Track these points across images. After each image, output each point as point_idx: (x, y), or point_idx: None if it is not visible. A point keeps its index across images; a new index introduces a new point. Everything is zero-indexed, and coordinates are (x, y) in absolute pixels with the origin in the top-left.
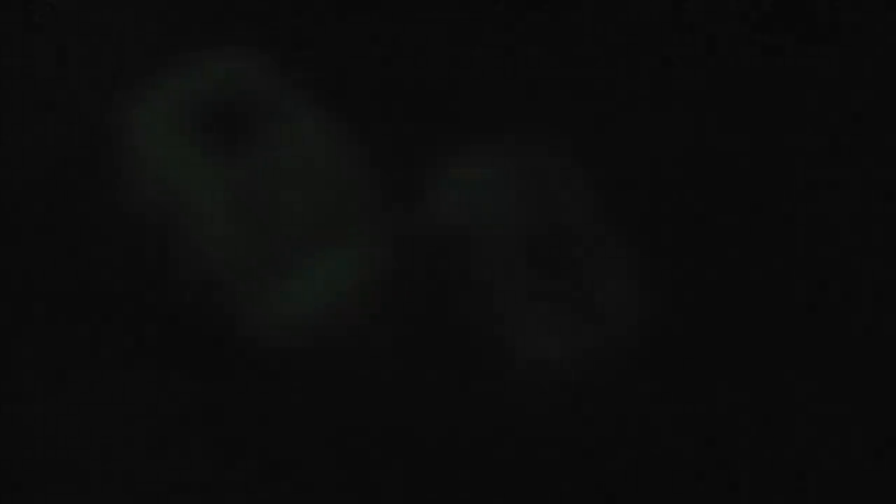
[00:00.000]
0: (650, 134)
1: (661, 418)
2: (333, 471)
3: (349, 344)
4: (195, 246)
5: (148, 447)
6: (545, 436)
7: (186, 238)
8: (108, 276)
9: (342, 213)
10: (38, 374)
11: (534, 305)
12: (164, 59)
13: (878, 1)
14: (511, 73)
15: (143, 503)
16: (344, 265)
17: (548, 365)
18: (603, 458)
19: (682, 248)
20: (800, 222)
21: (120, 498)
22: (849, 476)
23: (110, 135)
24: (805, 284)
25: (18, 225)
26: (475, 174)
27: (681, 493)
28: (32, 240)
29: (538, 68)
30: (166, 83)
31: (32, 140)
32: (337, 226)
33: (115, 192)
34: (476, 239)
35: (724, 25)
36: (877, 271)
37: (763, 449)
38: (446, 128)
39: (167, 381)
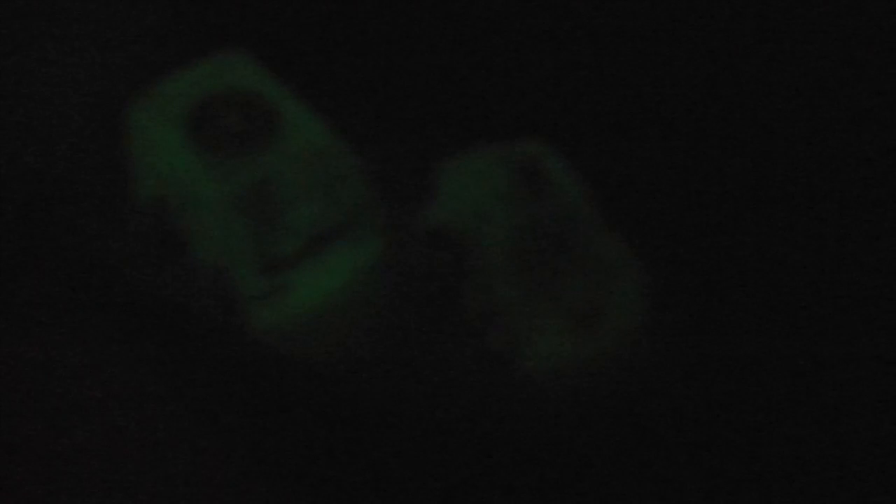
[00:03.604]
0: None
1: (660, 418)
2: (333, 469)
3: (349, 343)
4: (195, 245)
5: (148, 445)
6: (545, 436)
7: (186, 236)
8: (107, 276)
9: (342, 212)
10: (37, 371)
11: (533, 305)
12: (163, 58)
13: None
14: (512, 72)
15: (142, 501)
16: (344, 264)
17: (548, 366)
18: (603, 459)
19: (682, 247)
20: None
21: (119, 496)
22: (849, 476)
23: (110, 135)
24: (805, 281)
25: (17, 222)
26: (474, 173)
27: (681, 493)
28: (31, 237)
29: (538, 67)
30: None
31: (32, 140)
32: (337, 225)
33: (116, 190)
34: (475, 239)
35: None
36: (881, 265)
37: (763, 449)
38: (446, 127)
39: (168, 377)
